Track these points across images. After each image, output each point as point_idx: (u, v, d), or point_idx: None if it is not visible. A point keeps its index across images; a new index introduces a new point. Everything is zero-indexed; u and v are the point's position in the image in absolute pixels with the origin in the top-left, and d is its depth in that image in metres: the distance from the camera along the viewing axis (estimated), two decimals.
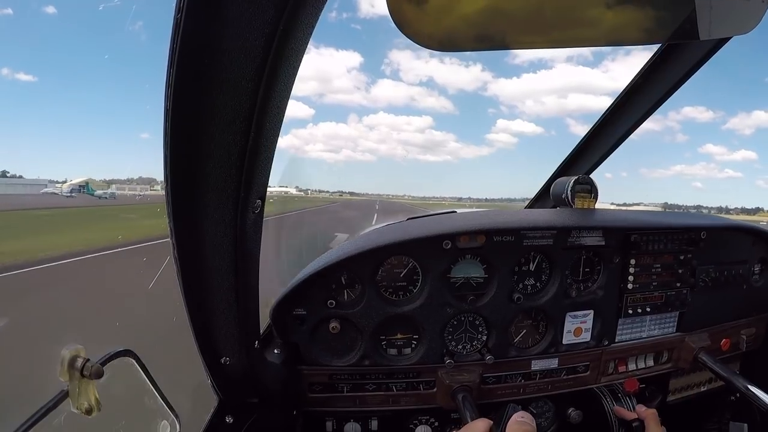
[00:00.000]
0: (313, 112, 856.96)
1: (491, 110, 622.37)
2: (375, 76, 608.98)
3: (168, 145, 0.59)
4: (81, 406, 0.81)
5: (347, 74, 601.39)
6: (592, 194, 1.40)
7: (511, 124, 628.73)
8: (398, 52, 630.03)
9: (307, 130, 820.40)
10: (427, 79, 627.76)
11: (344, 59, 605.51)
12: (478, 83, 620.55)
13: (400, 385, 1.27)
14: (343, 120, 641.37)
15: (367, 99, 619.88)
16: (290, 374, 1.20)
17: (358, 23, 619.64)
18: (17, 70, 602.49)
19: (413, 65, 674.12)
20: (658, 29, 0.78)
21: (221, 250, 0.76)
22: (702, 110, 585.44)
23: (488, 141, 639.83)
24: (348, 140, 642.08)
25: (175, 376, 1.22)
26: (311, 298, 1.20)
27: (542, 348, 1.32)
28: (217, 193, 0.67)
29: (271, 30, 0.53)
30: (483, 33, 0.63)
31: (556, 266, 1.29)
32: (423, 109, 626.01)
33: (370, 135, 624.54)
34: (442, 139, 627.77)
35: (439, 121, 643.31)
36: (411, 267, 1.23)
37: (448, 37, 0.63)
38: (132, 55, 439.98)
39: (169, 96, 0.55)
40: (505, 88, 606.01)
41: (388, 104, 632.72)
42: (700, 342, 1.41)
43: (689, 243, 1.39)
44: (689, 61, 1.39)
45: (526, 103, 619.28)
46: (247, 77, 0.56)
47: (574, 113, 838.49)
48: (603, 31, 0.77)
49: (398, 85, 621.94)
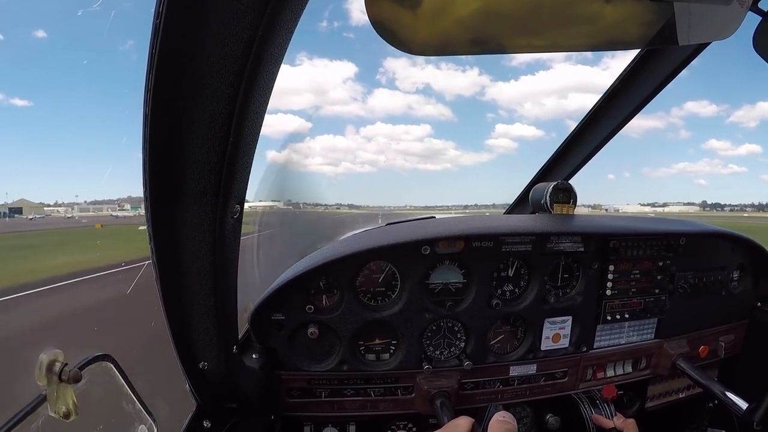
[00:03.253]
0: (310, 125, 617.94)
1: (490, 115, 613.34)
2: (371, 86, 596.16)
3: (147, 150, 0.60)
4: (59, 411, 0.81)
5: (343, 85, 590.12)
6: (571, 200, 1.42)
7: (510, 129, 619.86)
8: (393, 60, 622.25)
9: (305, 143, 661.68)
10: (423, 87, 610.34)
11: (339, 69, 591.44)
12: (475, 88, 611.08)
13: (378, 390, 1.28)
14: (341, 132, 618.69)
15: (364, 109, 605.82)
16: (268, 379, 1.21)
17: (351, 32, 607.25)
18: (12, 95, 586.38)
19: (409, 73, 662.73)
20: (637, 35, 0.80)
21: (200, 254, 0.76)
22: (705, 104, 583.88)
23: (488, 147, 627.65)
24: (347, 152, 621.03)
25: (151, 381, 1.22)
26: (290, 303, 1.21)
27: (520, 354, 1.33)
28: (196, 197, 0.68)
29: (250, 35, 0.54)
30: (475, 36, 0.64)
31: (535, 272, 1.31)
32: (421, 117, 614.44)
33: (369, 146, 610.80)
34: (442, 147, 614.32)
35: (438, 128, 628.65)
36: (390, 272, 1.24)
37: (441, 42, 0.65)
38: (116, 67, 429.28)
39: (148, 101, 0.56)
40: (504, 91, 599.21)
41: (386, 114, 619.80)
42: (678, 348, 1.42)
43: (668, 249, 1.40)
44: (668, 67, 1.41)
45: (525, 106, 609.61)
46: (225, 82, 0.57)
47: (574, 114, 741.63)
48: (588, 38, 0.79)
49: (395, 93, 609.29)
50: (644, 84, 1.49)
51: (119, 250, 13.92)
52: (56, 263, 13.21)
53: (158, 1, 0.49)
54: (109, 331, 5.46)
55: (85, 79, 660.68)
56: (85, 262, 12.53)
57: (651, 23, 0.76)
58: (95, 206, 33.74)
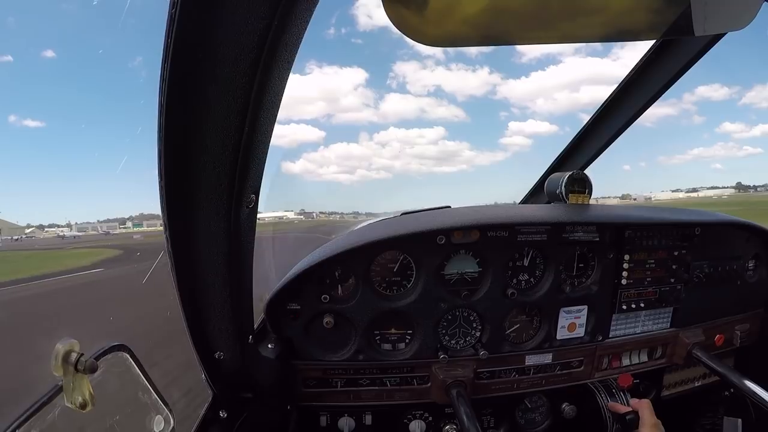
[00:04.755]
0: (323, 134, 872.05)
1: (503, 113, 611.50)
2: (382, 91, 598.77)
3: (162, 140, 0.60)
4: (75, 401, 0.81)
5: (354, 92, 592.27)
6: (586, 190, 1.40)
7: (524, 126, 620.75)
8: (403, 63, 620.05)
9: (319, 153, 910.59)
10: (435, 89, 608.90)
11: (349, 76, 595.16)
12: (487, 87, 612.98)
13: (394, 379, 1.28)
14: (354, 139, 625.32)
15: (377, 115, 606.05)
16: (284, 369, 1.20)
17: (359, 37, 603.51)
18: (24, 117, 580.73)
19: (419, 76, 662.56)
20: (653, 25, 0.78)
21: (215, 244, 0.76)
22: (717, 87, 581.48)
23: (502, 145, 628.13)
24: (362, 159, 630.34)
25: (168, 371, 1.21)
26: (305, 293, 1.20)
27: (536, 343, 1.33)
28: (211, 187, 0.68)
29: (266, 25, 0.53)
30: (485, 31, 0.62)
31: (550, 261, 1.30)
32: (434, 119, 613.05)
33: (383, 152, 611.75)
34: (456, 148, 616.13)
35: (452, 130, 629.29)
36: (405, 262, 1.23)
37: (452, 33, 0.63)
38: (126, 57, 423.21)
39: (164, 91, 0.55)
40: (515, 89, 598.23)
41: (399, 118, 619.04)
42: (694, 337, 1.42)
43: (683, 239, 1.39)
44: (684, 57, 1.39)
45: (537, 102, 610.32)
46: (241, 72, 0.56)
47: (587, 107, 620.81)
48: (599, 28, 0.77)
49: (406, 97, 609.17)
50: (660, 74, 1.47)
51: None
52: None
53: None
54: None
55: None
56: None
57: (665, 13, 0.74)
58: (80, 227, 34.12)
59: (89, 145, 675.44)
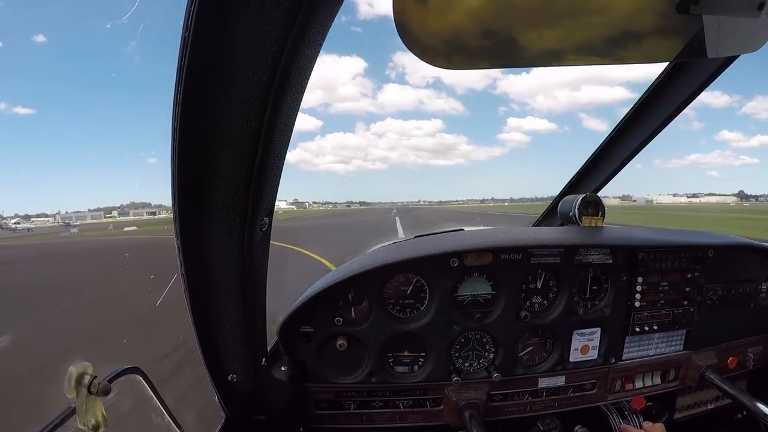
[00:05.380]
0: (320, 123, 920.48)
1: (502, 108, 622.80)
2: (380, 82, 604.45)
3: (175, 163, 0.60)
4: (88, 423, 0.80)
5: (352, 81, 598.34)
6: (599, 212, 1.40)
7: (522, 123, 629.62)
8: (402, 54, 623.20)
9: (315, 142, 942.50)
10: (434, 81, 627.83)
11: (348, 65, 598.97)
12: (487, 81, 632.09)
13: (407, 402, 1.27)
14: (351, 129, 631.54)
15: (375, 105, 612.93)
16: (297, 391, 1.20)
17: (359, 26, 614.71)
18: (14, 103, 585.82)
19: (419, 67, 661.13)
20: (666, 48, 0.78)
21: (228, 266, 0.76)
22: (718, 95, 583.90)
23: (500, 141, 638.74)
24: (358, 150, 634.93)
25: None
26: (318, 315, 1.20)
27: (549, 366, 1.32)
28: (224, 210, 0.68)
29: (279, 48, 0.53)
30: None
31: (564, 284, 1.29)
32: (432, 112, 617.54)
33: (380, 143, 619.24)
34: (454, 141, 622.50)
35: (450, 123, 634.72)
36: (418, 285, 1.23)
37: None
38: (138, 78, 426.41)
39: (177, 114, 0.55)
40: (516, 84, 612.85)
41: (396, 109, 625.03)
42: (707, 360, 1.41)
43: (697, 261, 1.38)
44: (697, 80, 1.39)
45: (537, 99, 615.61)
46: (254, 95, 0.56)
47: (587, 107, 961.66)
48: (610, 52, 0.77)
49: (405, 88, 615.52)
50: (673, 97, 1.47)
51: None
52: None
53: (187, 15, 0.48)
54: None
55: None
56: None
57: (678, 36, 0.74)
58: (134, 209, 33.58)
59: (83, 133, 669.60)
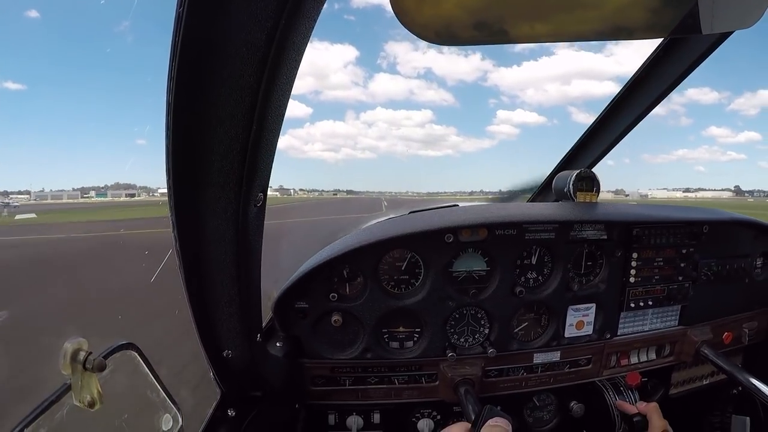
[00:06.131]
0: (310, 110, 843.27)
1: (492, 101, 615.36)
2: (372, 70, 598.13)
3: (170, 138, 0.59)
4: (83, 400, 0.80)
5: (344, 69, 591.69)
6: (594, 188, 1.40)
7: (512, 115, 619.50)
8: (395, 44, 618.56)
9: (305, 129, 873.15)
10: (425, 72, 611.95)
11: (340, 53, 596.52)
12: (478, 73, 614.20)
13: (402, 378, 1.27)
14: (341, 118, 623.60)
15: (365, 94, 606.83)
16: (292, 367, 1.20)
17: (352, 14, 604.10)
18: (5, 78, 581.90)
19: (410, 57, 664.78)
20: (661, 23, 0.77)
21: (223, 242, 0.76)
22: (707, 91, 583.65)
23: (489, 133, 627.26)
24: (347, 138, 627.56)
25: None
26: (313, 291, 1.20)
27: (544, 341, 1.32)
28: (219, 186, 0.67)
29: (273, 23, 0.52)
30: (482, 21, 0.62)
31: (558, 260, 1.29)
32: (422, 102, 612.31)
33: (369, 132, 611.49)
34: (443, 133, 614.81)
35: (440, 114, 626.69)
36: (413, 260, 1.23)
37: (447, 29, 0.63)
38: (131, 55, 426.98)
39: (171, 89, 0.55)
40: (506, 77, 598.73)
41: (387, 99, 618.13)
42: (702, 335, 1.41)
43: (691, 237, 1.38)
44: (691, 55, 1.38)
45: (527, 92, 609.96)
46: (248, 71, 0.56)
47: (576, 101, 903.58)
48: (605, 24, 0.76)
49: (396, 78, 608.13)
50: (668, 73, 1.46)
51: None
52: None
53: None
54: None
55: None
56: None
57: (675, 11, 0.73)
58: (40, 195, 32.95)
59: (75, 111, 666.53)
